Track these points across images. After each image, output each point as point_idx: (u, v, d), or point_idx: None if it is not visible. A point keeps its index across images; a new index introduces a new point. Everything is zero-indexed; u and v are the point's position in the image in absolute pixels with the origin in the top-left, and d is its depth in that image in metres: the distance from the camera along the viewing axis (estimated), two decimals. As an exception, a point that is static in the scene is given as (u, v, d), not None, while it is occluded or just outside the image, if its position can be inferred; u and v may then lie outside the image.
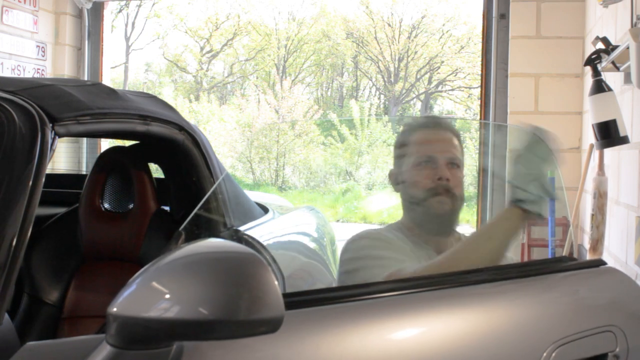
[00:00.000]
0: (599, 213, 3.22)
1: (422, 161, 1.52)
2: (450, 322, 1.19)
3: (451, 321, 1.19)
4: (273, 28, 23.02)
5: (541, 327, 1.24)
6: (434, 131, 1.58)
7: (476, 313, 1.22)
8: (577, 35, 4.42)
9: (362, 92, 23.69)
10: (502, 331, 1.21)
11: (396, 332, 1.13)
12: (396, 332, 1.13)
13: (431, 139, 1.55)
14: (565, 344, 1.23)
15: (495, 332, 1.20)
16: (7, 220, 1.11)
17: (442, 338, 1.15)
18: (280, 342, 1.01)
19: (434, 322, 1.17)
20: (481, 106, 4.90)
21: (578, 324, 1.28)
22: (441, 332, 1.16)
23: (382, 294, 1.17)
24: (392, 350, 1.10)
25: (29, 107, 1.30)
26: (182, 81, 23.79)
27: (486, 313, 1.22)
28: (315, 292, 1.26)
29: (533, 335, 1.23)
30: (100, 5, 5.69)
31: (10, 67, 5.01)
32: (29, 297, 2.00)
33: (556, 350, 1.21)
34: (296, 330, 1.04)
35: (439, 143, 1.55)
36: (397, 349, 1.10)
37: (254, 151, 14.95)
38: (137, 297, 0.83)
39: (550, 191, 1.37)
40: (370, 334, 1.10)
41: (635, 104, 2.81)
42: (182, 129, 1.90)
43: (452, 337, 1.16)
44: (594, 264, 1.45)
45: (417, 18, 21.64)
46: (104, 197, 2.08)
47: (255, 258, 0.86)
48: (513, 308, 1.26)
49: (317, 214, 2.86)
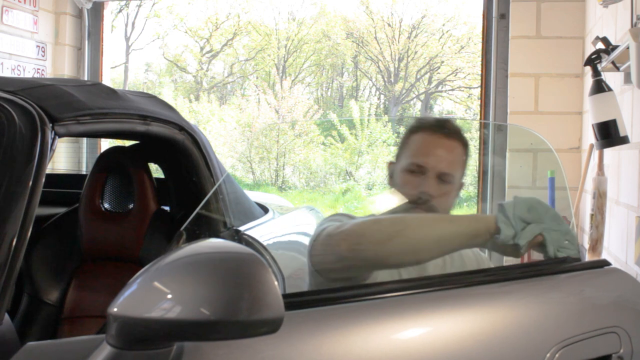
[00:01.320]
0: (598, 213, 3.22)
1: (411, 169, 1.46)
2: (453, 323, 1.18)
3: (454, 322, 1.18)
4: (273, 28, 23.02)
5: (545, 328, 1.24)
6: (436, 137, 1.49)
7: (480, 314, 1.21)
8: (577, 35, 4.42)
9: (362, 92, 23.69)
10: (506, 332, 1.20)
11: (398, 332, 1.13)
12: (398, 332, 1.13)
13: (430, 146, 1.47)
14: (569, 345, 1.22)
15: (498, 332, 1.19)
16: (7, 220, 1.11)
17: (446, 338, 1.15)
18: (281, 343, 1.01)
19: (437, 323, 1.17)
20: (481, 106, 4.90)
21: (582, 325, 1.28)
22: (444, 333, 1.15)
23: (385, 294, 1.17)
24: (394, 351, 1.10)
25: (29, 107, 1.30)
26: (182, 81, 23.79)
27: (490, 314, 1.22)
28: (315, 292, 1.26)
29: (537, 336, 1.22)
30: (100, 5, 5.68)
31: (10, 67, 5.01)
32: (29, 297, 2.00)
33: (560, 351, 1.21)
34: (297, 331, 1.04)
35: (437, 152, 1.46)
36: (400, 349, 1.10)
37: (254, 151, 14.95)
38: (137, 297, 0.83)
39: (526, 242, 1.27)
40: (372, 334, 1.09)
41: (635, 104, 2.81)
42: (182, 129, 1.90)
43: (455, 337, 1.15)
44: (598, 264, 1.44)
45: (417, 18, 21.66)
46: (104, 197, 2.08)
47: (256, 258, 0.86)
48: (517, 309, 1.25)
49: (317, 214, 2.86)
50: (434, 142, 1.48)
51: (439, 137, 1.48)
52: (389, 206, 1.51)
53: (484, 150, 4.82)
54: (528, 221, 1.28)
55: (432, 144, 1.48)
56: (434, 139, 1.49)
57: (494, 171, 4.67)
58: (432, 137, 1.49)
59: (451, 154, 1.48)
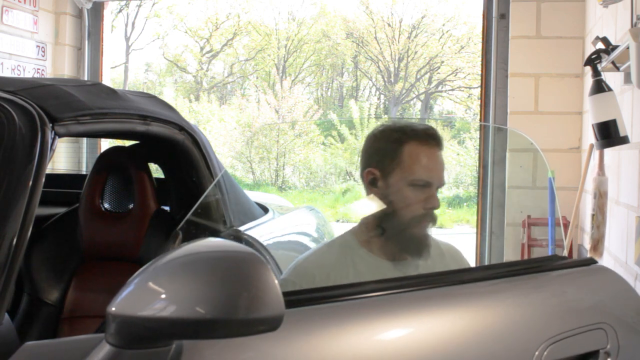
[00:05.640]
0: (599, 213, 3.22)
1: (417, 184, 1.47)
2: (445, 321, 1.19)
3: (446, 320, 1.19)
4: (273, 28, 23.03)
5: (533, 325, 1.25)
6: (431, 149, 1.50)
7: (468, 312, 1.22)
8: (577, 35, 4.42)
9: (362, 92, 23.70)
10: (494, 330, 1.22)
11: (391, 330, 1.14)
12: (391, 330, 1.14)
13: (430, 159, 1.49)
14: (557, 342, 1.24)
15: (487, 330, 1.21)
16: (7, 220, 1.11)
17: (436, 337, 1.16)
18: (280, 341, 1.01)
19: (428, 321, 1.18)
20: (481, 106, 4.90)
21: (569, 322, 1.29)
22: (435, 331, 1.16)
23: (377, 292, 1.18)
24: (386, 349, 1.10)
25: (29, 107, 1.30)
26: (182, 81, 23.80)
27: (478, 312, 1.23)
28: (314, 290, 1.26)
29: (525, 333, 1.24)
30: (100, 5, 5.69)
31: (10, 67, 5.01)
32: (29, 297, 2.00)
33: (549, 348, 1.22)
34: (297, 329, 1.04)
35: (436, 166, 1.49)
36: (393, 347, 1.11)
37: (254, 151, 14.96)
38: (136, 296, 0.84)
39: None
40: (365, 333, 1.10)
41: (635, 104, 2.81)
42: (182, 129, 1.90)
43: (445, 335, 1.17)
44: (585, 262, 1.46)
45: (417, 18, 21.67)
46: (104, 197, 2.08)
47: (254, 257, 0.86)
48: (505, 307, 1.27)
49: (317, 214, 2.86)
50: (431, 155, 1.50)
51: (433, 149, 1.50)
52: (402, 220, 1.51)
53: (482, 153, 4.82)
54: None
55: (431, 157, 1.50)
56: (431, 151, 1.50)
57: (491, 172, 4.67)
58: (428, 149, 1.50)
59: (442, 164, 1.52)
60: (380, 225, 1.53)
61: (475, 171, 5.03)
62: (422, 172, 1.47)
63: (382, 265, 1.50)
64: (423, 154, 1.49)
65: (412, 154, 1.49)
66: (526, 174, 4.45)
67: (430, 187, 1.47)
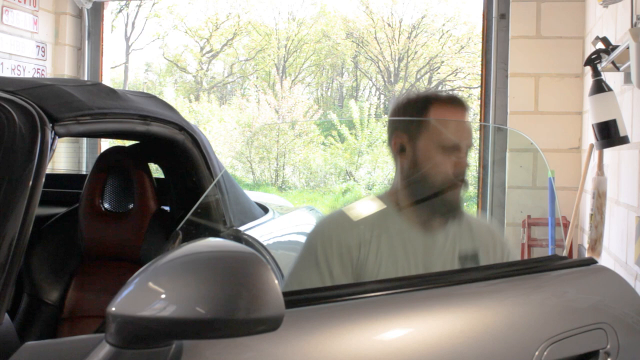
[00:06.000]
0: (597, 213, 3.22)
1: (447, 146, 1.46)
2: (445, 320, 1.19)
3: (447, 319, 1.20)
4: (273, 28, 23.02)
5: (533, 325, 1.26)
6: (458, 111, 1.50)
7: (468, 312, 1.23)
8: (577, 35, 4.43)
9: (362, 92, 23.69)
10: (495, 329, 1.22)
11: (391, 330, 1.14)
12: (391, 330, 1.14)
13: (458, 122, 1.50)
14: (557, 342, 1.24)
15: (487, 330, 1.21)
16: (7, 220, 1.11)
17: (436, 337, 1.16)
18: (280, 341, 1.01)
19: (428, 321, 1.18)
20: (481, 106, 4.90)
21: (569, 322, 1.30)
22: (435, 331, 1.16)
23: (377, 292, 1.18)
24: (387, 348, 1.11)
25: (29, 107, 1.30)
26: (182, 81, 23.79)
27: (479, 312, 1.23)
28: (315, 290, 1.26)
29: (526, 333, 1.24)
30: (100, 5, 5.69)
31: (10, 67, 5.01)
32: (29, 297, 2.00)
33: (549, 348, 1.22)
34: (297, 329, 1.04)
35: (464, 128, 1.49)
36: (393, 347, 1.11)
37: (254, 151, 14.95)
38: (136, 296, 0.84)
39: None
40: (365, 332, 1.10)
41: (635, 104, 2.81)
42: (182, 129, 1.90)
43: (445, 335, 1.17)
44: (585, 262, 1.47)
45: (417, 18, 21.65)
46: (104, 197, 2.08)
47: (255, 257, 0.86)
48: (505, 306, 1.27)
49: (317, 214, 2.87)
50: (457, 117, 1.50)
51: (459, 111, 1.50)
52: (433, 185, 1.50)
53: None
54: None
55: (459, 119, 1.50)
56: (456, 113, 1.50)
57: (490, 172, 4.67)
58: (454, 111, 1.50)
59: (470, 126, 1.52)
60: (411, 189, 1.52)
61: (475, 171, 5.03)
62: (449, 134, 1.47)
63: (412, 233, 1.49)
64: (449, 115, 1.49)
65: (438, 116, 1.49)
66: (526, 174, 4.46)
67: (458, 149, 1.47)
